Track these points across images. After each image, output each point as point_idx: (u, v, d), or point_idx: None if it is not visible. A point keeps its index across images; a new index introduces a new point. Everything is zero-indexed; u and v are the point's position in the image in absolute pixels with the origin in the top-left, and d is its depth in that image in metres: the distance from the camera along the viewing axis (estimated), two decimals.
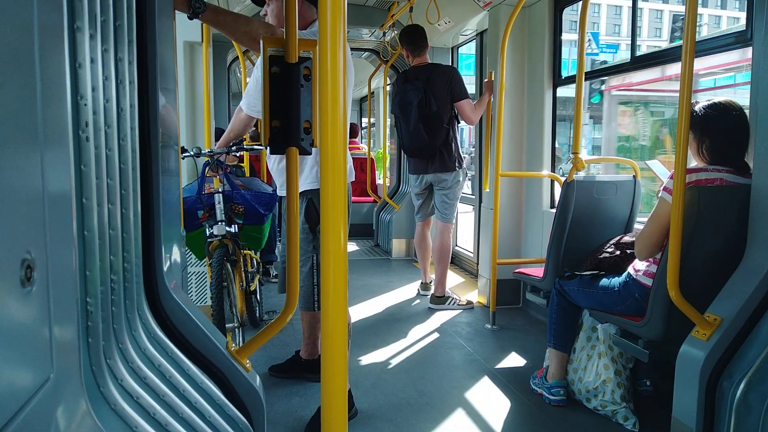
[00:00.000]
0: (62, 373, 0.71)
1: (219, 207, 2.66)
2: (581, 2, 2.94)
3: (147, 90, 1.31)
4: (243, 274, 2.88)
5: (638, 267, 2.23)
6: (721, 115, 2.02)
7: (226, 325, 2.65)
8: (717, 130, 2.03)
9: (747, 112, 2.03)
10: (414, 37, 3.92)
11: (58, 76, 0.73)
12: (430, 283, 4.28)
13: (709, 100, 2.07)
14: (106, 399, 0.95)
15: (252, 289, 3.22)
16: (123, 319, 1.09)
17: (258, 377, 1.54)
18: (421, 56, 3.94)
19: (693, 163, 2.11)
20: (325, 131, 1.01)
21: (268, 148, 1.41)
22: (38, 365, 0.64)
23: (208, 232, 2.65)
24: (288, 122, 1.36)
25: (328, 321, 1.04)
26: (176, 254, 1.57)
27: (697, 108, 2.04)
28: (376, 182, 7.24)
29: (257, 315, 3.31)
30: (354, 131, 7.68)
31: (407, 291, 4.56)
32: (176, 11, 1.72)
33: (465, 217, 6.06)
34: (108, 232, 1.02)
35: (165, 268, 1.38)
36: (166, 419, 1.08)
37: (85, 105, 0.93)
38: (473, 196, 5.07)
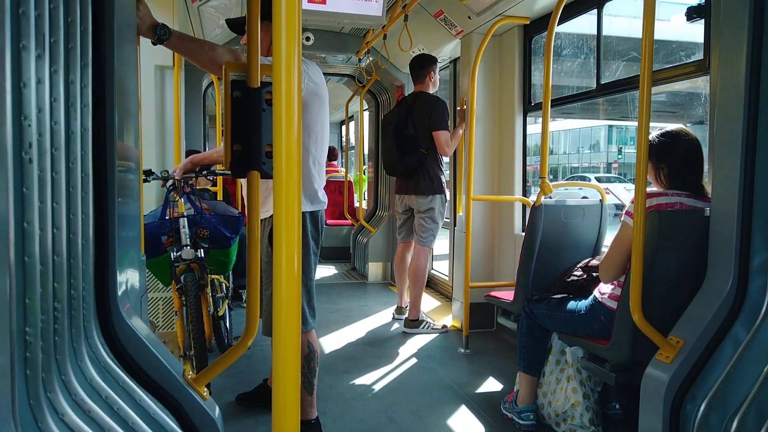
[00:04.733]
0: None
1: (184, 231, 2.61)
2: (547, 32, 3.02)
3: (105, 113, 1.30)
4: (210, 299, 2.83)
5: (603, 290, 2.25)
6: (674, 141, 2.11)
7: (188, 353, 2.58)
8: (673, 156, 2.09)
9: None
10: (414, 66, 4.10)
11: None
12: (406, 307, 4.26)
13: (662, 129, 2.15)
14: None
15: (220, 314, 3.16)
16: (67, 349, 1.05)
17: (217, 407, 1.50)
18: (418, 85, 4.10)
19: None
20: (279, 157, 1.01)
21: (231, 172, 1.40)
22: None
23: (173, 257, 2.60)
24: (249, 146, 1.35)
25: (280, 348, 1.02)
26: (133, 279, 1.53)
27: (651, 137, 2.10)
28: (354, 205, 7.24)
29: (226, 341, 3.24)
30: (332, 154, 7.71)
31: (383, 315, 4.52)
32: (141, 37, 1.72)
33: (440, 240, 6.07)
34: (52, 258, 0.99)
35: (119, 294, 1.35)
36: None
37: (29, 126, 0.91)
38: (448, 220, 5.10)
